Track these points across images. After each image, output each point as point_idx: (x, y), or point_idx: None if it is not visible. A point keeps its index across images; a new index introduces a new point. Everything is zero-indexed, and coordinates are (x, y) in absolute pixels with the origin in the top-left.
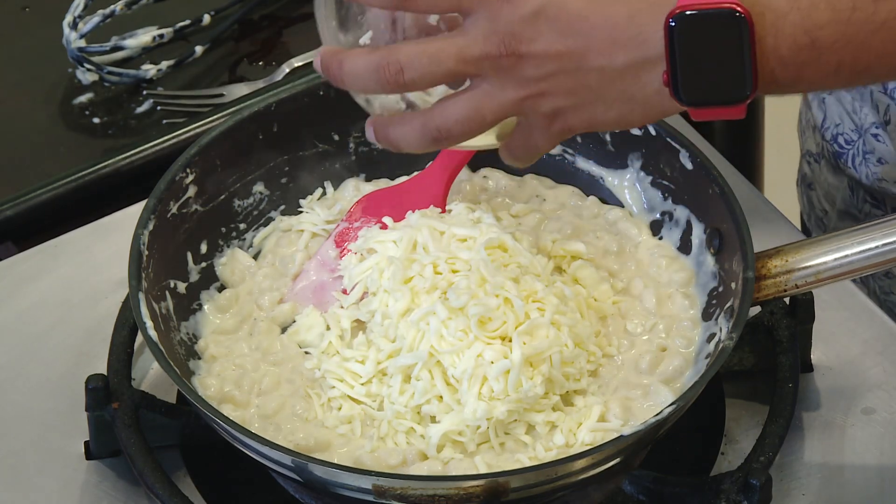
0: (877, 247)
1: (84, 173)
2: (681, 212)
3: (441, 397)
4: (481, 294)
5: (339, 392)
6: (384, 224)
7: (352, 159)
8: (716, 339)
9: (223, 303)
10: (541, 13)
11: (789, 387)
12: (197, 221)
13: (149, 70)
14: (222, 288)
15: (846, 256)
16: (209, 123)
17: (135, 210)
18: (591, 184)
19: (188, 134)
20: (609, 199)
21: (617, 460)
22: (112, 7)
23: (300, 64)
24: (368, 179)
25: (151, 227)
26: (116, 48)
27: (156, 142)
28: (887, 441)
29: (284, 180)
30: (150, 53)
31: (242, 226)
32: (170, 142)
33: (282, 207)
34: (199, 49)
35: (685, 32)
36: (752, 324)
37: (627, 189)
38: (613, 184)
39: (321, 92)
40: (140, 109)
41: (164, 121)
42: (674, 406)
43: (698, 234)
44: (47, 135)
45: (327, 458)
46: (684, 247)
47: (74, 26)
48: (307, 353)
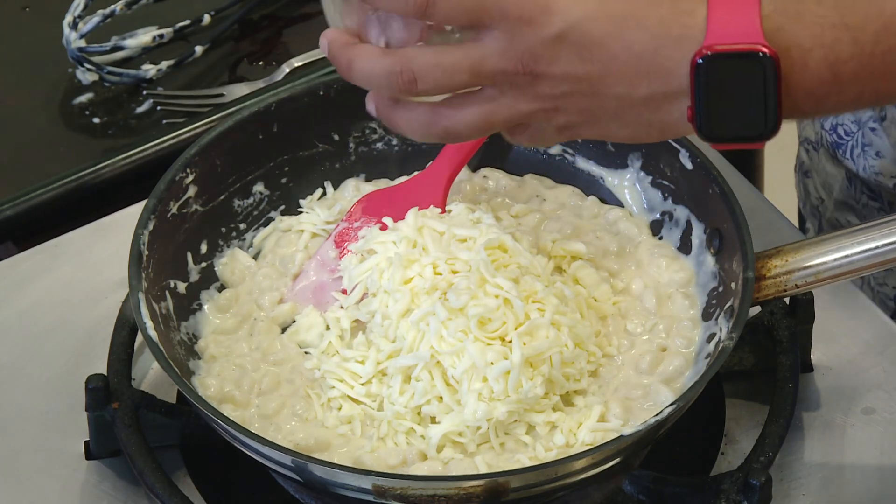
0: (877, 247)
1: (84, 173)
2: (681, 212)
3: (441, 398)
4: (481, 295)
5: (339, 392)
6: (384, 224)
7: (352, 159)
8: (716, 339)
9: (223, 303)
10: (563, 37)
11: (789, 387)
12: (197, 221)
13: (149, 70)
14: (222, 288)
15: (846, 256)
16: (209, 123)
17: (135, 210)
18: (591, 184)
19: (188, 134)
20: (609, 199)
21: (617, 460)
22: (112, 7)
23: (300, 64)
24: (368, 179)
25: (151, 227)
26: (116, 48)
27: (156, 142)
28: (887, 441)
29: (284, 180)
30: (150, 53)
31: (242, 226)
32: (170, 142)
33: (282, 207)
34: (199, 49)
35: (712, 71)
36: (752, 324)
37: (627, 189)
38: (613, 184)
39: (321, 92)
40: (140, 109)
41: (164, 121)
42: (674, 406)
43: (698, 234)
44: (47, 135)
45: (327, 458)
46: (684, 247)
47: (74, 26)
48: (307, 353)
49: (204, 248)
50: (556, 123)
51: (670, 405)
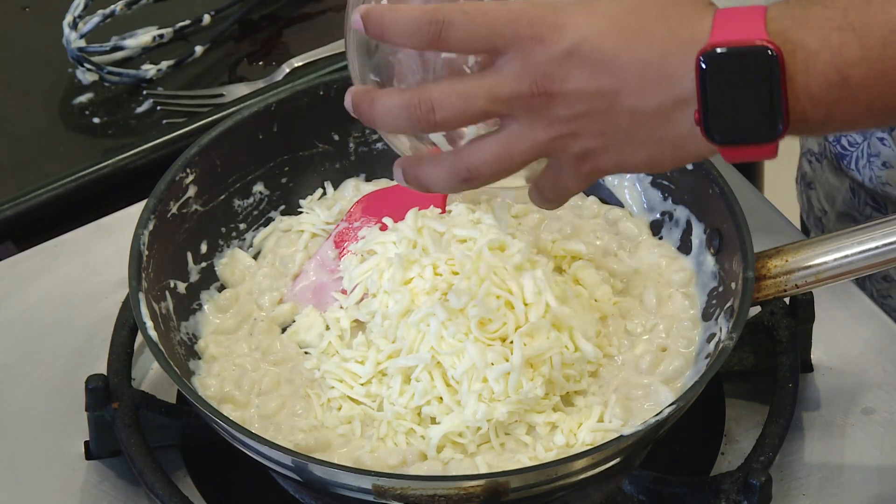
0: (877, 247)
1: (84, 173)
2: (681, 212)
3: (441, 398)
4: (481, 295)
5: (339, 392)
6: (384, 224)
7: (352, 159)
8: (716, 339)
9: (223, 303)
10: (574, 52)
11: (789, 387)
12: (197, 221)
13: (149, 70)
14: (222, 288)
15: (846, 256)
16: (209, 123)
17: (135, 210)
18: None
19: (188, 134)
20: (609, 199)
21: (617, 460)
22: (112, 7)
23: (300, 64)
24: (368, 179)
25: (151, 227)
26: (116, 48)
27: (156, 142)
28: (887, 441)
29: (284, 180)
30: (150, 53)
31: (242, 226)
32: (170, 142)
33: (282, 207)
34: (199, 49)
35: (716, 70)
36: (752, 324)
37: (627, 189)
38: (613, 184)
39: (321, 92)
40: (140, 109)
41: (164, 121)
42: (674, 406)
43: (698, 234)
44: (47, 135)
45: (327, 458)
46: (684, 247)
47: (74, 26)
48: (307, 353)
49: (204, 248)
50: (575, 151)
51: (670, 405)
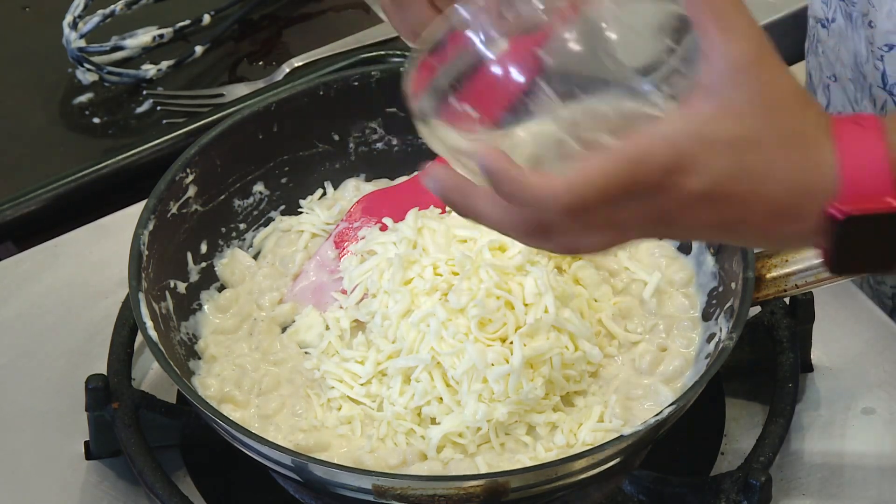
0: None
1: (84, 173)
2: None
3: (441, 399)
4: (481, 296)
5: (339, 392)
6: (384, 224)
7: (352, 159)
8: (716, 339)
9: (223, 303)
10: (705, 196)
11: (789, 386)
12: (197, 221)
13: (149, 70)
14: (222, 288)
15: None
16: (209, 123)
17: (135, 210)
18: None
19: (188, 134)
20: None
21: (617, 460)
22: (112, 7)
23: (300, 64)
24: (368, 179)
25: (151, 227)
26: (116, 48)
27: (156, 142)
28: (887, 441)
29: (284, 180)
30: (150, 53)
31: (242, 226)
32: (170, 142)
33: (282, 207)
34: (199, 49)
35: (846, 230)
36: (752, 324)
37: None
38: None
39: (321, 92)
40: (140, 109)
41: (164, 121)
42: (674, 406)
43: None
44: (47, 135)
45: (327, 458)
46: (684, 247)
47: (74, 26)
48: (307, 353)
49: (204, 248)
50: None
51: (670, 405)
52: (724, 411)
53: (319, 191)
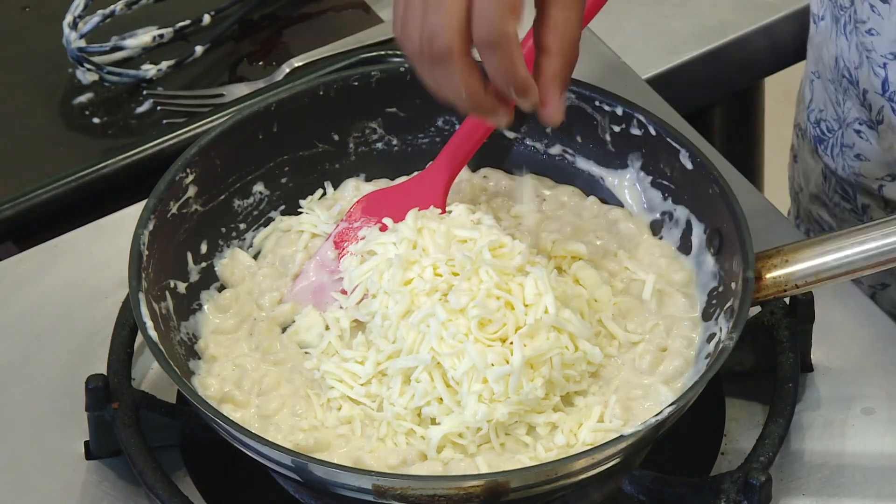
0: (877, 247)
1: (84, 173)
2: (681, 212)
3: (441, 399)
4: (481, 296)
5: (339, 392)
6: (384, 225)
7: (352, 159)
8: (716, 339)
9: (223, 303)
10: None
11: (789, 387)
12: (197, 221)
13: (149, 70)
14: (222, 288)
15: (846, 256)
16: (209, 123)
17: (135, 210)
18: (591, 184)
19: (188, 134)
20: (609, 199)
21: (617, 460)
22: (112, 7)
23: (300, 64)
24: (368, 179)
25: (151, 227)
26: (116, 48)
27: (156, 142)
28: (887, 441)
29: (284, 180)
30: (150, 53)
31: (242, 226)
32: (170, 142)
33: (282, 207)
34: (199, 49)
35: None
36: (752, 324)
37: (627, 189)
38: (613, 184)
39: (321, 92)
40: (140, 109)
41: (164, 121)
42: (674, 406)
43: (698, 234)
44: (47, 135)
45: (327, 458)
46: (684, 247)
47: (74, 26)
48: (307, 353)
49: (204, 248)
50: None
51: (670, 405)
52: (724, 411)
53: (319, 191)
